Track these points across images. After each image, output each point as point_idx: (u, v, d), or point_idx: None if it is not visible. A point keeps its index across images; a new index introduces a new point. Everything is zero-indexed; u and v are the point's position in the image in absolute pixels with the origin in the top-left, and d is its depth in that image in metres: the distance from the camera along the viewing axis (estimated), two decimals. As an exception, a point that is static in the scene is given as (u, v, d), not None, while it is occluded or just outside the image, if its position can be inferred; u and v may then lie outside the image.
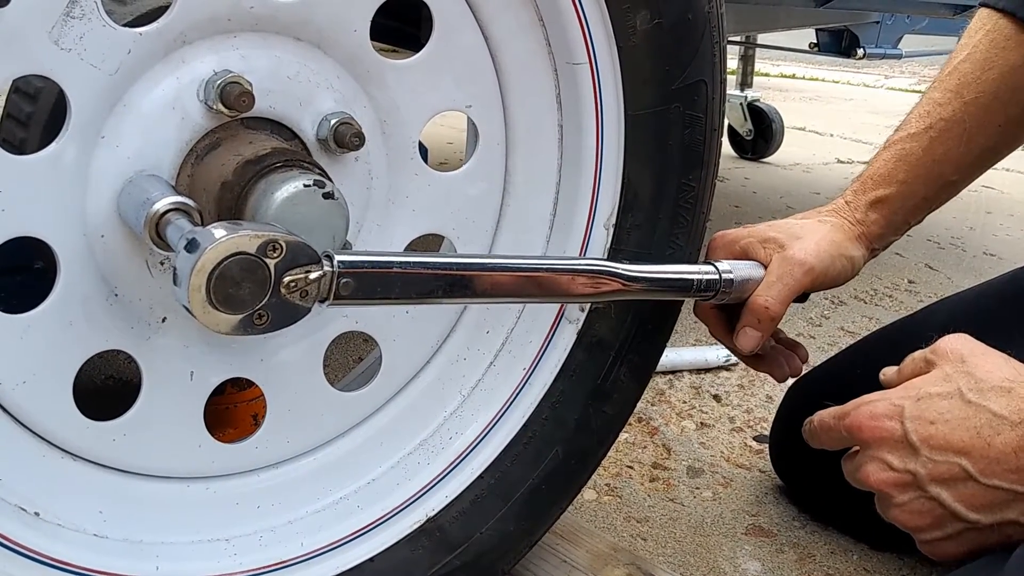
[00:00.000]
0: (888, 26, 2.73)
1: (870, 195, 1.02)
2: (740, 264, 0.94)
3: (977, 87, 0.99)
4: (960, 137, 0.99)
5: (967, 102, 0.99)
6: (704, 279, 0.89)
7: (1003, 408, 0.75)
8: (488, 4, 0.78)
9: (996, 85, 0.98)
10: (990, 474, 0.75)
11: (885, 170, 1.02)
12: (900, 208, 1.02)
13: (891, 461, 0.80)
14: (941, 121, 1.00)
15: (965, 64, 1.00)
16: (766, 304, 0.92)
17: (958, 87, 1.00)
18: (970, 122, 0.99)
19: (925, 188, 1.01)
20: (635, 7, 0.79)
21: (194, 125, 0.69)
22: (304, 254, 0.63)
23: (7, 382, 0.68)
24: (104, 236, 0.68)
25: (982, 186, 3.71)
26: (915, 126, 1.02)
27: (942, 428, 0.77)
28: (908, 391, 0.81)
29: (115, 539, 0.75)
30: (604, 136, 0.84)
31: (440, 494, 0.87)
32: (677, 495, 1.27)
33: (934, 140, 1.00)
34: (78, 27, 0.62)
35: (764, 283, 0.93)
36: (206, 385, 0.77)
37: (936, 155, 1.00)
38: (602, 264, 0.81)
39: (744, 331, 0.94)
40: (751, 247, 0.96)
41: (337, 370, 1.42)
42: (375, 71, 0.75)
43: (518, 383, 0.89)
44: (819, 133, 4.78)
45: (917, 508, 0.79)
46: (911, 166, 1.00)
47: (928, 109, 1.02)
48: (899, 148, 1.02)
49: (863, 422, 0.82)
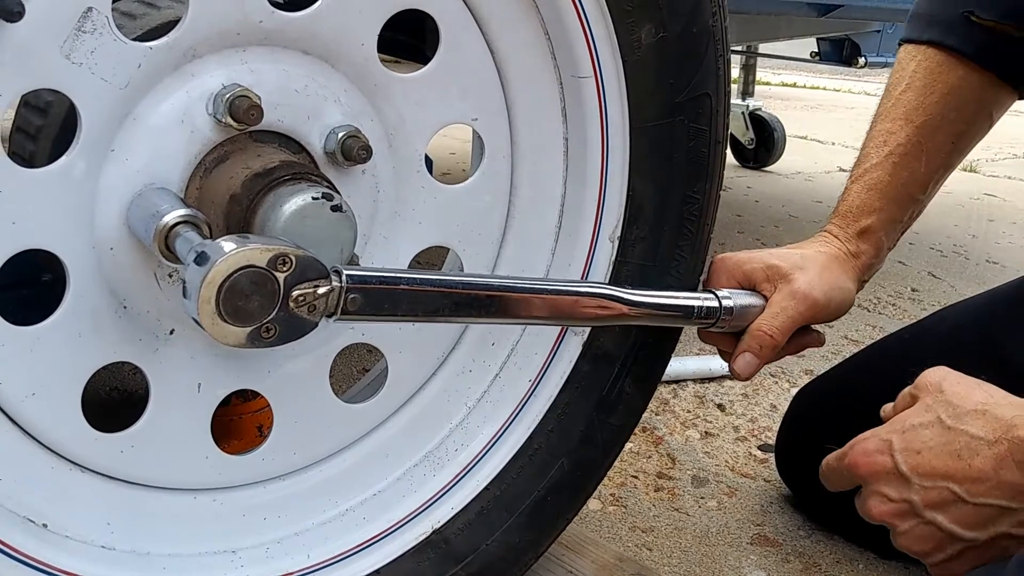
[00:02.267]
0: (889, 35, 2.74)
1: (856, 226, 1.06)
2: (740, 292, 0.96)
3: (924, 111, 1.06)
4: (919, 158, 1.06)
5: (918, 126, 1.06)
6: (704, 307, 0.90)
7: (979, 430, 0.80)
8: (494, 18, 0.79)
9: (941, 107, 1.06)
10: (976, 493, 0.79)
11: (860, 201, 1.07)
12: (884, 235, 1.07)
13: (888, 493, 0.84)
14: (899, 147, 1.06)
15: (907, 93, 1.08)
16: (770, 332, 0.94)
17: (906, 114, 1.07)
18: (925, 143, 1.06)
19: (899, 211, 1.07)
20: (640, 21, 0.79)
21: (203, 138, 0.69)
22: (313, 268, 0.63)
23: (16, 394, 0.68)
24: (113, 249, 0.68)
25: (984, 194, 3.71)
26: (875, 156, 1.08)
27: (927, 456, 0.82)
28: (895, 425, 0.86)
29: (122, 551, 0.75)
30: (609, 149, 0.84)
31: (446, 506, 0.87)
32: (682, 505, 1.27)
33: (896, 165, 1.06)
34: (89, 41, 0.63)
35: (768, 312, 0.95)
36: (213, 397, 0.77)
37: (902, 179, 1.06)
38: (605, 289, 0.83)
39: (743, 356, 0.96)
40: (754, 273, 0.98)
41: (342, 381, 1.42)
42: (382, 85, 0.76)
43: (524, 395, 0.89)
44: (821, 142, 4.79)
45: (919, 534, 0.83)
46: (882, 193, 1.06)
47: (883, 139, 1.08)
48: (867, 179, 1.07)
49: (858, 460, 0.87)
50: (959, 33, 1.07)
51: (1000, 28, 1.05)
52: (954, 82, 1.06)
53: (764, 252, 1.00)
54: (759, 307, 0.95)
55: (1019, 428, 0.78)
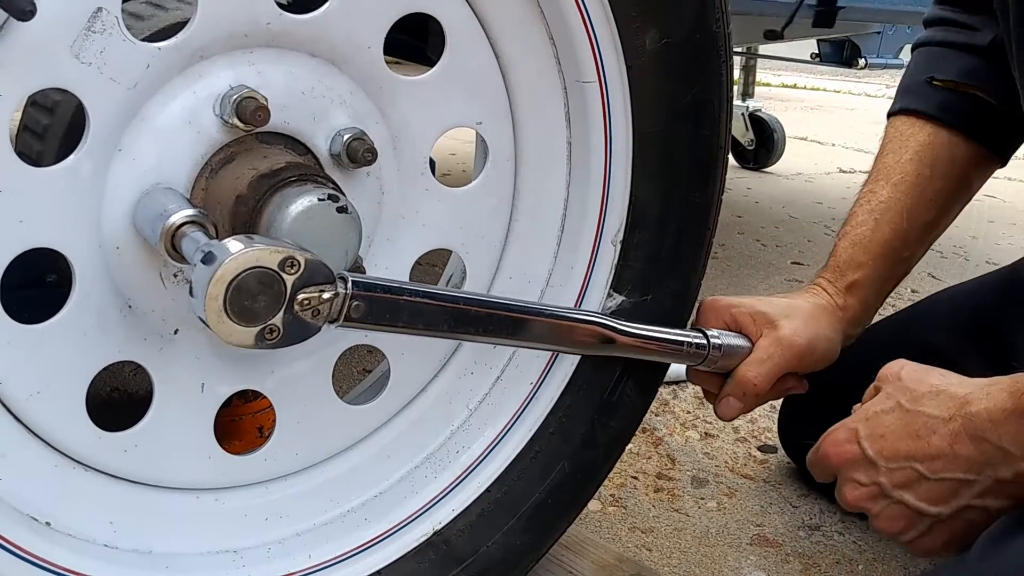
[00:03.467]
0: (889, 36, 2.75)
1: (844, 280, 1.10)
2: (728, 334, 0.98)
3: (900, 169, 1.12)
4: (900, 215, 1.11)
5: (895, 183, 1.12)
6: (694, 343, 0.93)
7: (935, 409, 0.85)
8: (499, 22, 0.79)
9: (915, 165, 1.12)
10: (936, 469, 0.84)
11: (847, 256, 1.11)
12: (871, 290, 1.11)
13: (859, 478, 0.89)
14: (881, 204, 1.12)
15: (887, 157, 1.15)
16: (755, 380, 0.97)
17: (886, 174, 1.13)
18: (905, 199, 1.11)
19: (884, 267, 1.11)
20: (644, 27, 0.79)
21: (210, 139, 0.69)
22: (320, 273, 0.64)
23: (21, 392, 0.69)
24: (119, 248, 0.69)
25: (984, 195, 3.70)
26: (860, 215, 1.13)
27: (890, 439, 0.87)
28: (860, 415, 0.91)
29: (125, 549, 0.75)
30: (612, 153, 0.85)
31: (447, 507, 0.87)
32: (682, 505, 1.27)
33: (879, 221, 1.11)
34: (99, 41, 0.63)
35: (754, 359, 0.98)
36: (216, 397, 0.77)
37: (885, 235, 1.11)
38: (600, 318, 0.85)
39: (727, 400, 1.00)
40: (740, 317, 1.00)
41: (343, 382, 1.42)
42: (388, 87, 0.76)
43: (525, 397, 0.90)
44: (821, 143, 4.79)
45: (890, 515, 0.88)
46: (866, 248, 1.11)
47: (867, 199, 1.14)
48: (853, 235, 1.12)
49: (829, 451, 0.92)
50: (923, 97, 1.15)
51: (962, 88, 1.12)
52: (924, 140, 1.12)
53: (753, 299, 1.04)
54: (746, 349, 0.98)
55: (971, 404, 0.82)
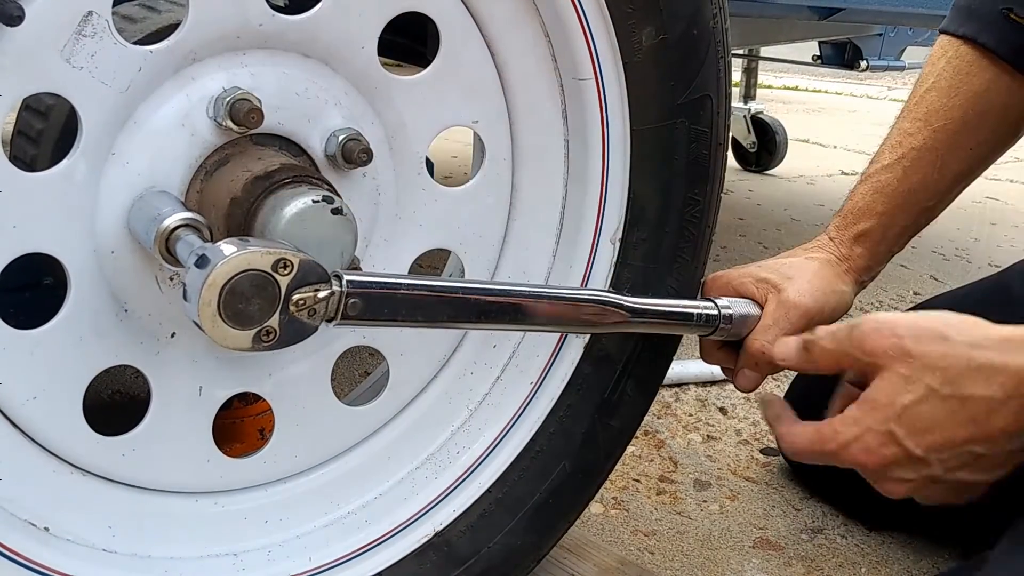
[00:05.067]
0: (891, 38, 2.74)
1: (852, 230, 1.04)
2: (738, 301, 0.96)
3: (945, 114, 1.01)
4: (933, 164, 1.02)
5: (936, 130, 1.02)
6: (704, 314, 0.91)
7: (985, 389, 0.75)
8: (494, 20, 0.79)
9: (963, 111, 1.01)
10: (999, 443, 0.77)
11: (864, 203, 1.04)
12: (882, 239, 1.04)
13: (905, 475, 0.81)
14: (913, 151, 1.02)
15: (931, 93, 1.03)
16: (763, 348, 0.94)
17: (926, 116, 1.03)
18: (941, 149, 1.02)
19: (904, 217, 1.04)
20: (640, 23, 0.79)
21: (203, 142, 0.69)
22: (314, 272, 0.63)
23: (18, 398, 0.68)
24: (114, 252, 0.68)
25: (986, 197, 3.71)
26: (888, 157, 1.04)
27: (940, 432, 0.78)
28: (885, 412, 0.80)
29: (124, 554, 0.75)
30: (610, 151, 0.84)
31: (448, 508, 0.87)
32: (684, 508, 1.26)
33: (907, 170, 1.02)
34: (90, 45, 0.63)
35: (760, 326, 0.95)
36: (215, 400, 0.77)
37: (912, 184, 1.02)
38: (606, 295, 0.83)
39: (743, 372, 0.96)
40: (745, 287, 0.98)
41: (343, 384, 1.42)
42: (383, 88, 0.76)
43: (525, 397, 0.89)
44: (823, 145, 4.78)
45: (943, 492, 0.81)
46: (888, 197, 1.03)
47: (899, 139, 1.04)
48: (875, 180, 1.04)
49: (862, 458, 0.81)
50: (995, 31, 1.01)
51: None
52: (981, 85, 1.02)
53: (753, 266, 1.00)
54: (757, 316, 0.96)
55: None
